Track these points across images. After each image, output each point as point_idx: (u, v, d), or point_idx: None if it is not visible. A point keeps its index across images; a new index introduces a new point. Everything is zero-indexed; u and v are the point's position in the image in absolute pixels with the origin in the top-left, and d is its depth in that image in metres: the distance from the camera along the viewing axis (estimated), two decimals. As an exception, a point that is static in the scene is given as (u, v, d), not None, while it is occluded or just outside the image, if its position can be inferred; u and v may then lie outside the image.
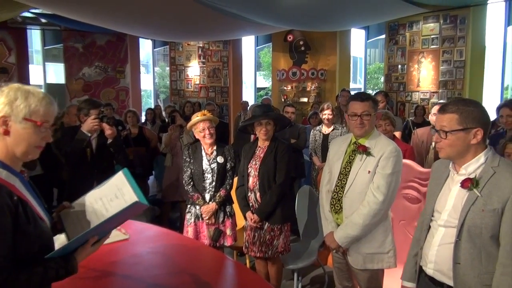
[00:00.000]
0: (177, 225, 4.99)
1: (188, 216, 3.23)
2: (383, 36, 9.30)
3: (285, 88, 9.60)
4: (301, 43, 9.34)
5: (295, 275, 3.36)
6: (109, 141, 3.34)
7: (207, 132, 3.14)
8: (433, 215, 1.78)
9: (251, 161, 3.04)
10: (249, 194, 3.04)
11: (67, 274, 1.31)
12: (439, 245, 1.73)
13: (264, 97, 9.34)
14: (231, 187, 3.23)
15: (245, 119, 3.99)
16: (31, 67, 9.90)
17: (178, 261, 2.35)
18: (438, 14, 7.94)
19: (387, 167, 2.29)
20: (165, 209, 5.05)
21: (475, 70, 7.75)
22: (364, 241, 2.36)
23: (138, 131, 5.27)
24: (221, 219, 3.18)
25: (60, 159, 3.65)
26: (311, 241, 3.56)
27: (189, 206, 3.26)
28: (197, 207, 3.18)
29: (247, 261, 3.79)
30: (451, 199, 1.71)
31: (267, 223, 2.96)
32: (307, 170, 5.07)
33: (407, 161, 3.09)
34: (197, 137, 3.25)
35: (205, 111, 3.37)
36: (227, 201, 3.22)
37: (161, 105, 10.12)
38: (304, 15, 5.99)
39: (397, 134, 4.15)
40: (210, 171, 3.17)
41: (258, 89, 13.51)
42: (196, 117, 3.20)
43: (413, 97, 8.56)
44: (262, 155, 3.00)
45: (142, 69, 13.57)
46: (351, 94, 4.59)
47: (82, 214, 1.45)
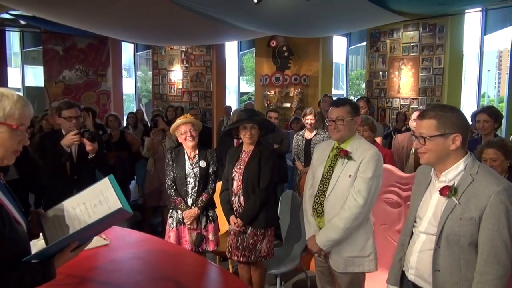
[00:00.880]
0: (158, 230, 4.93)
1: (170, 221, 3.20)
2: (365, 43, 9.45)
3: (268, 93, 9.64)
4: (284, 48, 9.40)
5: (277, 280, 3.36)
6: (90, 155, 3.21)
7: (188, 135, 3.13)
8: (415, 221, 1.79)
9: (236, 165, 3.04)
10: (233, 198, 3.03)
11: (44, 280, 1.28)
12: (419, 251, 1.74)
13: (247, 101, 9.37)
14: (213, 192, 3.22)
15: (230, 123, 3.99)
16: (9, 69, 9.70)
17: (160, 266, 2.32)
18: (418, 22, 8.13)
19: (367, 171, 2.33)
20: (146, 214, 4.99)
21: (453, 77, 7.95)
22: (346, 244, 2.39)
23: (119, 135, 5.21)
24: (203, 224, 3.16)
25: (38, 164, 3.55)
26: (293, 245, 3.57)
27: (171, 210, 3.23)
28: (179, 211, 3.15)
29: (229, 266, 3.77)
30: (431, 206, 1.72)
31: (250, 228, 2.96)
32: (290, 175, 5.09)
33: (388, 166, 3.15)
34: (179, 140, 3.23)
35: (188, 114, 3.35)
36: (209, 205, 3.21)
37: (143, 109, 10.03)
38: (287, 21, 6.05)
39: (378, 140, 4.22)
40: (193, 175, 3.16)
41: (241, 94, 13.53)
42: (179, 120, 3.20)
43: (393, 103, 8.72)
44: (246, 159, 3.01)
45: (124, 73, 13.41)
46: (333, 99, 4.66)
47: (63, 219, 1.42)
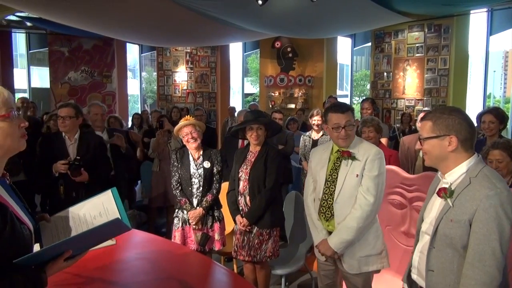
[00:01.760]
0: (163, 230, 4.95)
1: (175, 221, 3.22)
2: (369, 44, 9.44)
3: (273, 94, 9.66)
4: (289, 49, 9.42)
5: (282, 280, 3.36)
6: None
7: (190, 137, 3.15)
8: (422, 221, 1.81)
9: (242, 165, 3.06)
10: (239, 198, 3.04)
11: None
12: (420, 251, 1.76)
13: (252, 103, 9.37)
14: (218, 192, 3.23)
15: (236, 124, 4.01)
16: (15, 71, 9.77)
17: (166, 267, 2.33)
18: (423, 23, 8.11)
19: (373, 169, 2.34)
20: (151, 214, 5.00)
21: (459, 78, 7.92)
22: (358, 244, 2.39)
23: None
24: (209, 224, 3.17)
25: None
26: (298, 246, 3.57)
27: (176, 210, 3.25)
28: (185, 212, 3.17)
29: (234, 266, 3.78)
30: (435, 207, 1.73)
31: (256, 227, 2.96)
32: (296, 175, 5.10)
33: (392, 167, 3.14)
34: (183, 142, 3.26)
35: (189, 116, 3.36)
36: (215, 205, 3.22)
37: (148, 110, 10.06)
38: (292, 22, 6.06)
39: (384, 141, 4.21)
40: (198, 176, 3.18)
41: (245, 95, 13.54)
42: (181, 122, 3.23)
43: (398, 104, 8.70)
44: (253, 159, 3.02)
45: (129, 74, 13.47)
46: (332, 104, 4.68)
47: (61, 226, 1.41)
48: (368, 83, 13.16)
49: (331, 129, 2.41)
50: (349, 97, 11.83)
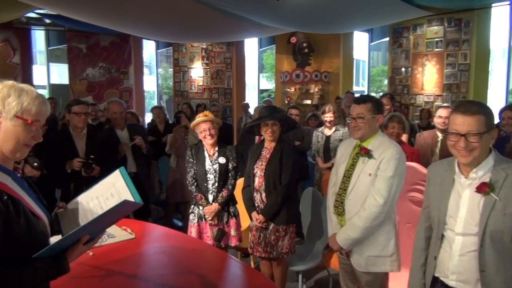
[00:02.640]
0: (180, 225, 4.98)
1: (191, 217, 3.23)
2: (387, 39, 9.31)
3: (289, 90, 9.61)
4: (305, 45, 9.35)
5: (299, 276, 3.35)
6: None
7: (207, 133, 3.15)
8: (445, 223, 1.72)
9: (257, 161, 3.04)
10: (255, 194, 3.03)
11: (58, 274, 1.29)
12: (459, 255, 1.66)
13: (266, 98, 9.34)
14: (233, 188, 3.23)
15: (252, 120, 4.00)
16: (34, 67, 9.93)
17: (183, 260, 2.35)
18: (443, 17, 7.94)
19: (388, 170, 2.26)
20: (169, 210, 5.05)
21: (480, 73, 7.74)
22: (367, 243, 2.35)
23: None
24: (225, 220, 3.18)
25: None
26: (315, 242, 3.55)
27: (192, 206, 3.26)
28: (200, 207, 3.18)
29: (251, 262, 3.78)
30: (463, 205, 1.65)
31: (272, 224, 2.96)
32: (310, 171, 5.07)
33: (412, 163, 3.09)
34: (199, 137, 3.26)
35: (207, 112, 3.36)
36: (230, 201, 3.22)
37: (164, 106, 10.12)
38: (308, 17, 6.00)
39: (404, 138, 4.13)
40: (213, 171, 3.18)
41: (261, 91, 13.51)
42: (199, 118, 3.22)
43: (417, 100, 8.56)
44: (268, 156, 3.00)
45: (146, 70, 13.58)
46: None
47: (78, 213, 1.44)
48: (385, 78, 12.98)
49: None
50: (365, 93, 11.69)
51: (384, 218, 2.31)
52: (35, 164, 2.96)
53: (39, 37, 11.20)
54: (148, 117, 7.01)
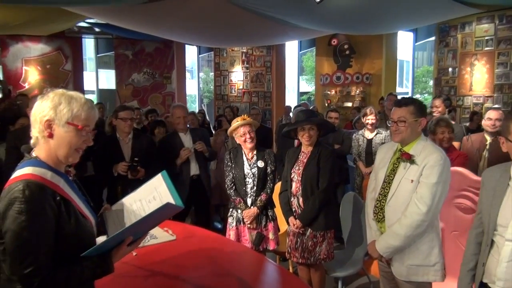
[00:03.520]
0: (219, 227, 5.05)
1: (230, 220, 3.26)
2: (433, 38, 8.96)
3: (329, 92, 9.48)
4: (346, 47, 9.19)
5: (339, 283, 3.29)
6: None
7: (247, 136, 3.14)
8: (496, 229, 1.67)
9: (294, 166, 3.02)
10: (292, 199, 3.02)
11: (103, 274, 1.35)
12: (508, 261, 1.62)
13: (302, 101, 9.27)
14: (272, 191, 3.23)
15: (289, 124, 3.98)
16: (85, 73, 10.48)
17: (222, 263, 2.38)
18: (493, 14, 7.53)
19: (431, 176, 2.16)
20: (209, 212, 5.12)
21: (535, 73, 7.26)
22: (408, 252, 2.26)
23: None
24: (263, 223, 3.18)
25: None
26: (355, 249, 3.47)
27: (231, 209, 3.29)
28: (239, 211, 3.19)
29: (290, 266, 3.77)
30: None
31: (309, 229, 2.93)
32: (350, 175, 4.97)
33: (460, 169, 2.95)
34: (238, 141, 3.26)
35: (245, 115, 3.34)
36: (268, 205, 3.22)
37: (205, 110, 10.33)
38: (350, 19, 5.90)
39: (457, 145, 3.89)
40: (251, 175, 3.18)
41: (301, 94, 13.44)
42: (236, 122, 3.21)
43: (465, 101, 8.16)
44: (305, 160, 2.98)
45: (188, 74, 13.93)
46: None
47: (122, 214, 1.51)
48: (430, 79, 12.48)
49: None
50: (409, 94, 11.31)
51: (427, 226, 2.21)
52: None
53: (89, 45, 11.80)
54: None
